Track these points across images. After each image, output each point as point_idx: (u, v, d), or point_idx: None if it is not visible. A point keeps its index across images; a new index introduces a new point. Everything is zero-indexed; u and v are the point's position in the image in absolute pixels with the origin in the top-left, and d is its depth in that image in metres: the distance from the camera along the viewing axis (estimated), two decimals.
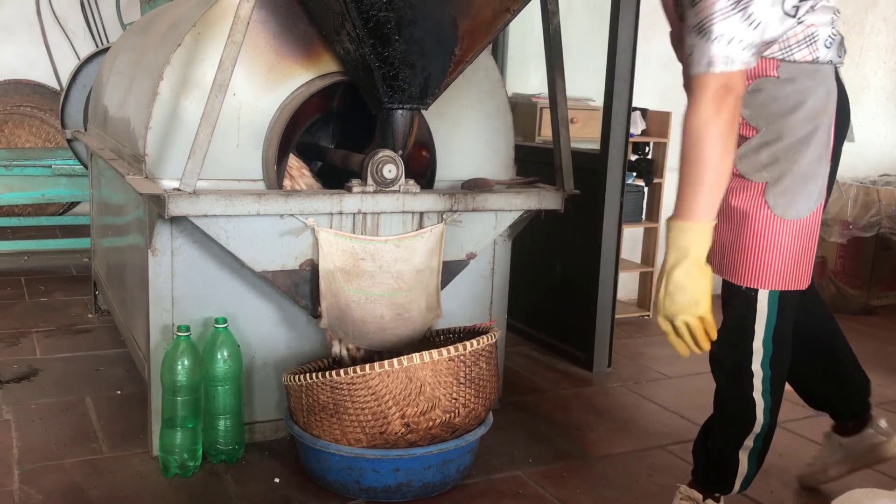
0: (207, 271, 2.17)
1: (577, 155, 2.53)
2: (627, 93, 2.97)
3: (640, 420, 2.66)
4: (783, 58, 1.68)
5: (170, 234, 2.12)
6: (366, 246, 2.16)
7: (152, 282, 2.12)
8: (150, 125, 2.05)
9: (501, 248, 2.58)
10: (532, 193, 2.36)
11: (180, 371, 2.05)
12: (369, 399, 1.92)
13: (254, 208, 2.00)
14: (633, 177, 3.75)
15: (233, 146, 2.12)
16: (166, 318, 2.15)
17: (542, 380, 2.99)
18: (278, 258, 2.11)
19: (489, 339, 2.04)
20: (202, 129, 1.91)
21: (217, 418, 2.14)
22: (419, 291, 2.21)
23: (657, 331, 3.67)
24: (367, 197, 2.13)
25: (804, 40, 1.67)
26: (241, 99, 2.12)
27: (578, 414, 2.68)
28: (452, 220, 2.26)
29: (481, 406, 2.04)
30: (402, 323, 2.20)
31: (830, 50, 1.69)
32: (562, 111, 2.36)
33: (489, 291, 2.58)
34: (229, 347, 2.12)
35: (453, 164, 2.41)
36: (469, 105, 2.42)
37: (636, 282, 4.09)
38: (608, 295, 3.10)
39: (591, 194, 3.03)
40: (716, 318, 1.75)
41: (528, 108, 3.75)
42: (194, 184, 1.93)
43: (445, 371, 1.95)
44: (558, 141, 2.37)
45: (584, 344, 3.13)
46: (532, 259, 3.39)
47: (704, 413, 2.09)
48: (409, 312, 2.20)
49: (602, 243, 3.05)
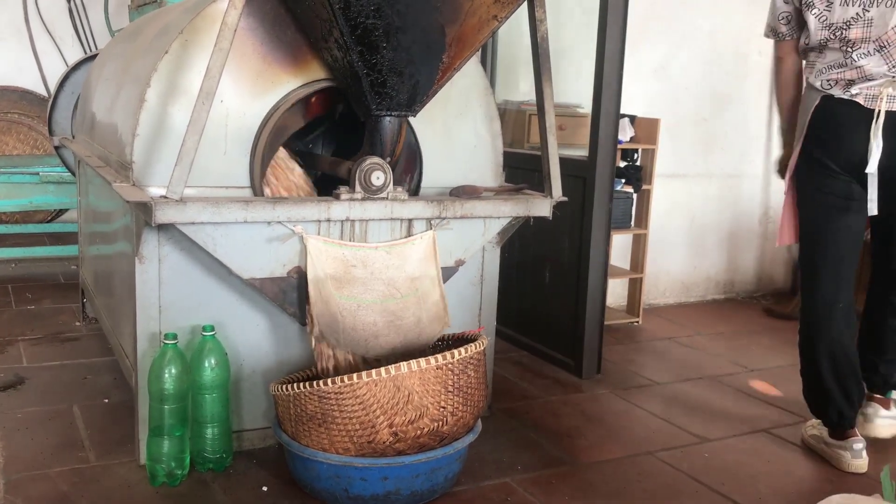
0: (195, 279, 2.16)
1: (565, 162, 2.53)
2: (615, 100, 2.97)
3: (630, 426, 2.66)
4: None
5: (157, 242, 2.11)
6: (357, 252, 2.16)
7: (139, 289, 2.11)
8: (137, 132, 2.05)
9: (490, 254, 2.57)
10: (520, 200, 2.36)
11: (168, 379, 2.04)
12: (357, 408, 1.91)
13: (241, 216, 2.00)
14: (621, 183, 3.77)
15: (220, 153, 2.12)
16: (153, 325, 2.14)
17: (532, 386, 2.99)
18: (266, 265, 2.10)
19: (477, 347, 2.03)
20: (189, 137, 1.90)
21: (205, 426, 2.13)
22: (414, 300, 2.21)
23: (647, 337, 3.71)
24: (355, 204, 2.12)
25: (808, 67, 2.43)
26: (228, 106, 2.12)
27: (568, 420, 2.68)
28: (441, 226, 2.26)
29: (470, 414, 2.04)
30: (394, 330, 2.20)
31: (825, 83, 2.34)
32: (550, 118, 2.37)
33: (478, 298, 2.57)
34: (217, 355, 2.11)
35: (441, 170, 2.41)
36: (457, 112, 2.42)
37: (625, 288, 4.10)
38: (597, 301, 3.10)
39: (579, 201, 3.04)
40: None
41: (516, 115, 3.75)
42: (181, 191, 1.93)
43: (433, 379, 1.94)
44: (546, 148, 2.38)
45: (574, 350, 3.13)
46: (521, 265, 3.40)
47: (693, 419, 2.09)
48: (402, 320, 2.19)
49: (591, 250, 3.06)
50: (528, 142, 3.68)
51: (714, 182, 4.46)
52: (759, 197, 4.61)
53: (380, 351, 2.20)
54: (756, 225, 4.65)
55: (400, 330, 2.20)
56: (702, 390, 3.04)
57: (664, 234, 4.31)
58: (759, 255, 4.67)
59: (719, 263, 4.58)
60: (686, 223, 4.42)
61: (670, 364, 3.35)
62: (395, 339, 2.20)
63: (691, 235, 4.45)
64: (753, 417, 2.80)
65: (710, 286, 4.58)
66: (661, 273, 4.37)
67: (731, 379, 3.19)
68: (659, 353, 3.50)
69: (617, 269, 3.99)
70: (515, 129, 3.74)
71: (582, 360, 3.10)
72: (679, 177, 4.32)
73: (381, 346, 2.20)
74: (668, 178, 4.22)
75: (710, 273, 4.56)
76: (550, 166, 2.39)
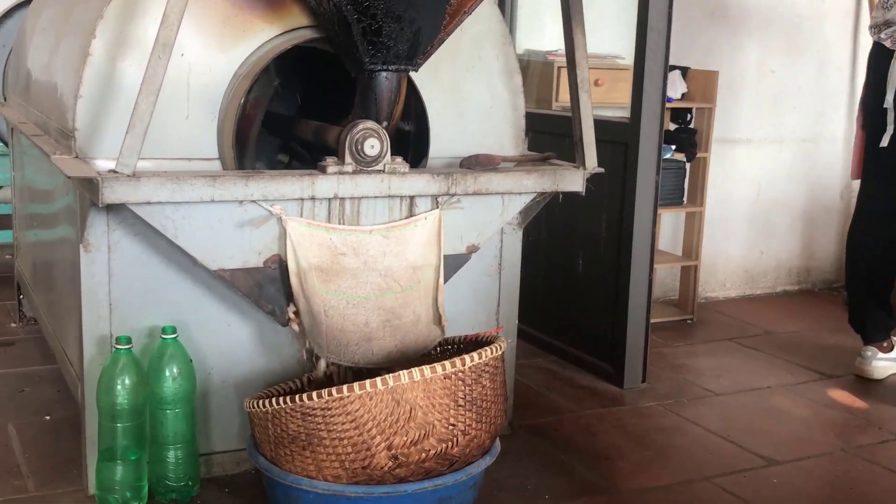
0: (152, 270, 2.17)
1: (601, 124, 2.52)
2: (663, 48, 2.95)
3: (682, 446, 2.67)
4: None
5: (106, 226, 2.11)
6: (346, 238, 2.15)
7: (85, 283, 2.12)
8: (80, 93, 2.05)
9: (510, 238, 2.57)
10: (546, 172, 2.35)
11: (120, 391, 2.05)
12: (348, 427, 1.92)
13: (207, 193, 2.00)
14: (671, 150, 3.75)
15: (181, 118, 2.12)
16: (103, 327, 2.15)
17: (562, 398, 2.99)
18: (238, 254, 2.10)
19: (494, 352, 2.03)
20: (143, 98, 1.90)
21: (166, 449, 2.14)
22: (417, 293, 2.21)
23: (702, 338, 3.71)
24: (344, 179, 2.12)
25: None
26: (190, 60, 2.12)
27: (606, 439, 2.69)
28: (450, 205, 2.26)
29: (485, 432, 2.04)
30: (390, 332, 2.20)
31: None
32: (582, 71, 2.35)
33: (495, 292, 2.57)
34: (180, 363, 2.12)
35: (450, 137, 2.41)
36: (469, 65, 2.41)
37: (676, 278, 4.09)
38: (641, 294, 3.10)
39: (619, 172, 3.03)
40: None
41: (542, 69, 3.74)
42: (134, 164, 1.93)
43: (440, 391, 1.94)
44: (578, 108, 2.37)
45: (613, 355, 3.13)
46: (548, 252, 3.39)
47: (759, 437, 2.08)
48: (400, 319, 2.19)
49: (634, 232, 3.04)
50: (557, 101, 3.67)
51: (785, 148, 4.43)
52: (840, 166, 4.58)
53: (371, 358, 2.20)
54: (836, 200, 4.62)
55: (397, 331, 2.20)
56: (770, 402, 3.04)
57: (724, 211, 4.29)
58: (840, 237, 4.63)
59: (792, 247, 4.56)
60: (751, 198, 4.40)
61: (731, 371, 3.35)
62: (391, 342, 2.20)
63: (757, 213, 4.43)
64: (833, 435, 2.79)
65: (780, 275, 4.57)
66: (721, 259, 4.35)
67: (805, 388, 3.19)
68: (717, 357, 3.49)
69: (666, 255, 3.98)
70: (541, 86, 3.73)
71: (623, 365, 3.10)
72: (742, 142, 4.30)
73: (374, 351, 2.20)
74: (728, 143, 4.20)
75: (781, 259, 4.55)
76: (583, 130, 2.38)
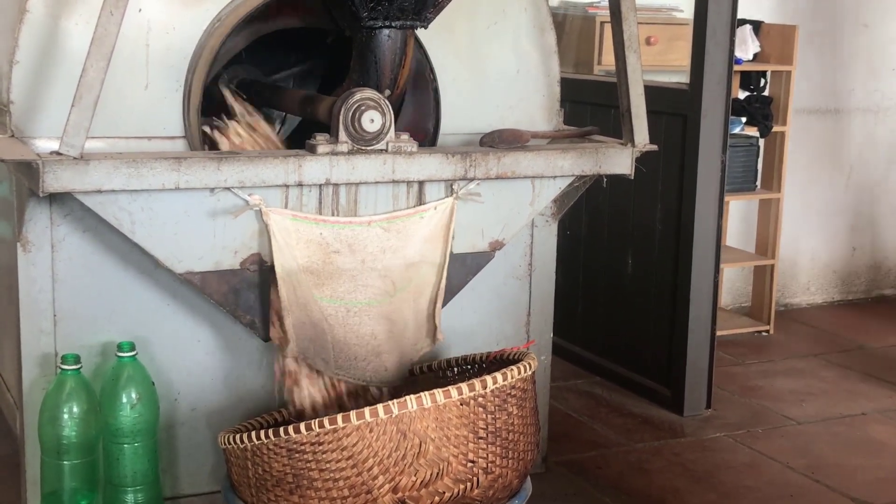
0: (106, 274, 2.18)
1: (654, 92, 2.52)
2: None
3: (756, 487, 2.66)
4: None
5: (49, 221, 2.12)
6: (340, 232, 2.16)
7: (24, 290, 2.13)
8: (16, 59, 2.05)
9: (543, 233, 2.57)
10: (587, 151, 2.34)
11: (67, 422, 2.06)
12: (344, 466, 1.92)
13: (171, 179, 2.00)
14: (741, 123, 3.75)
15: (139, 87, 2.12)
16: (46, 343, 2.16)
17: (608, 428, 3.00)
18: (209, 253, 2.10)
19: (522, 372, 2.02)
20: (92, 63, 1.90)
21: (123, 491, 2.14)
22: (408, 295, 2.22)
23: (782, 354, 3.70)
24: (338, 160, 2.12)
25: None
26: (149, 17, 2.12)
27: (663, 478, 2.69)
28: (467, 192, 2.25)
29: (512, 470, 2.04)
30: (395, 343, 2.21)
31: None
32: (630, 27, 2.34)
33: (525, 298, 2.57)
34: (140, 387, 2.12)
35: (468, 109, 2.41)
36: (491, 20, 2.41)
37: (748, 281, 4.08)
38: (705, 301, 3.09)
39: (677, 151, 3.03)
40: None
41: (582, 24, 3.74)
42: (82, 144, 1.93)
43: (457, 421, 1.94)
44: (626, 72, 2.36)
45: (670, 374, 3.13)
46: (590, 250, 3.39)
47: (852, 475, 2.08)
48: (396, 325, 2.21)
49: (695, 224, 3.04)
50: (600, 64, 3.67)
51: (882, 120, 4.42)
52: None
53: (384, 375, 2.21)
54: None
55: (399, 343, 2.21)
56: (865, 432, 3.03)
57: (806, 198, 4.28)
58: None
59: (891, 243, 4.54)
60: (839, 182, 4.39)
61: (817, 394, 3.34)
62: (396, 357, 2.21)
63: (847, 201, 4.42)
64: None
65: (877, 276, 4.56)
66: (803, 258, 4.35)
67: None
68: (799, 378, 3.49)
69: (735, 253, 3.97)
70: (581, 46, 3.73)
71: (683, 388, 3.10)
72: (828, 112, 4.29)
73: (386, 367, 2.21)
74: (810, 114, 4.20)
75: (877, 257, 4.54)
76: (632, 99, 2.37)
